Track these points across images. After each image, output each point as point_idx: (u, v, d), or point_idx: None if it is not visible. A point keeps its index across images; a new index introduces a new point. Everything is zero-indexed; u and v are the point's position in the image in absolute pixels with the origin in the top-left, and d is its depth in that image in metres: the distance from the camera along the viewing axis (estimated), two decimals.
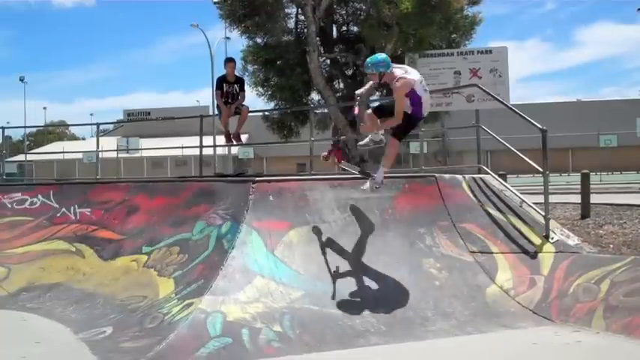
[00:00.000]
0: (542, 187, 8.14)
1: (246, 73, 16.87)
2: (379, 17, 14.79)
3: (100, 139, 14.54)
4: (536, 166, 8.39)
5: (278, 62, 16.75)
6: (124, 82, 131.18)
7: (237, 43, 68.20)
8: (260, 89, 17.13)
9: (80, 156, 34.04)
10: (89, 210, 9.21)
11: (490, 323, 6.43)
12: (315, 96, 17.61)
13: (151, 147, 30.55)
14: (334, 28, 17.57)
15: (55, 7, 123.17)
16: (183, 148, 23.43)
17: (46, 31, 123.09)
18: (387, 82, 7.03)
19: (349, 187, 7.78)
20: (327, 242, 7.12)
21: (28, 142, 55.30)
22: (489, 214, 8.13)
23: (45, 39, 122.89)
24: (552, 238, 7.74)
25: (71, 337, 6.24)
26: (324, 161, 7.87)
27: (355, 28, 17.27)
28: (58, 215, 9.37)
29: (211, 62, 37.48)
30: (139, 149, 33.11)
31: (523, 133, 12.12)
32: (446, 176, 8.75)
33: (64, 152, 32.86)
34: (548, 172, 8.10)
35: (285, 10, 16.69)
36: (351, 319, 6.24)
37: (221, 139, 13.86)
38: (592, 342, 5.72)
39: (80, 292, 7.55)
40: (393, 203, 7.80)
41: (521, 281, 7.15)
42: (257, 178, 7.81)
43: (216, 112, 12.26)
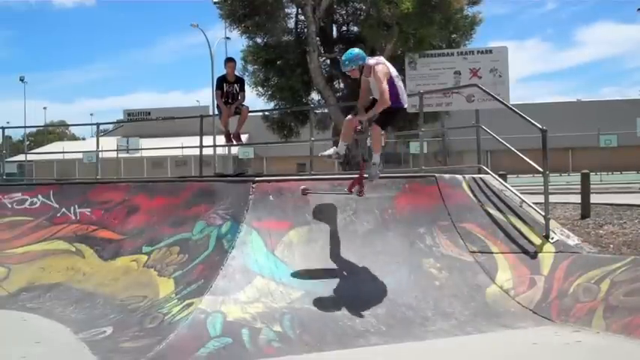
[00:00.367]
0: (542, 187, 8.14)
1: (246, 73, 16.89)
2: (379, 17, 14.79)
3: (100, 139, 14.53)
4: (536, 166, 8.39)
5: (278, 62, 16.74)
6: (124, 82, 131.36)
7: (237, 43, 68.24)
8: (260, 89, 17.14)
9: (80, 156, 34.03)
10: (89, 210, 9.21)
11: (490, 323, 6.43)
12: (315, 96, 17.61)
13: (151, 147, 30.50)
14: (334, 28, 17.57)
15: (55, 7, 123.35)
16: (183, 148, 23.41)
17: (46, 31, 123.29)
18: (366, 74, 6.92)
19: None
20: (327, 242, 7.12)
21: (28, 142, 55.32)
22: (489, 214, 8.14)
23: (45, 39, 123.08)
24: (552, 238, 7.74)
25: (71, 337, 6.24)
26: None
27: (355, 28, 17.27)
28: (58, 215, 9.37)
29: (211, 62, 37.48)
30: (139, 149, 33.08)
31: (523, 133, 12.12)
32: (446, 176, 8.75)
33: (64, 152, 32.86)
34: (548, 172, 8.10)
35: (285, 10, 16.70)
36: (351, 319, 6.24)
37: (221, 139, 13.85)
38: (592, 342, 5.72)
39: (80, 292, 7.55)
40: (393, 203, 7.80)
41: (521, 281, 7.15)
42: (257, 178, 7.80)
43: (216, 112, 12.26)
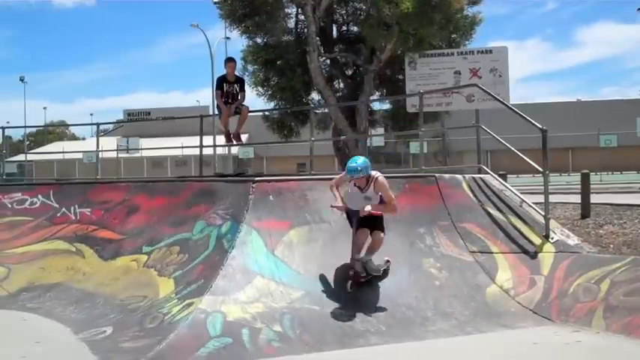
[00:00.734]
0: (542, 187, 8.15)
1: (247, 73, 16.84)
2: (379, 17, 14.77)
3: (100, 139, 14.52)
4: (536, 166, 8.39)
5: (278, 62, 16.72)
6: (124, 82, 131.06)
7: (237, 43, 68.07)
8: (260, 89, 17.10)
9: (80, 156, 34.08)
10: (89, 210, 9.21)
11: (490, 323, 6.44)
12: (315, 96, 17.58)
13: (151, 147, 30.49)
14: (334, 28, 17.55)
15: (55, 7, 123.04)
16: (183, 148, 23.42)
17: (46, 31, 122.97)
18: (364, 183, 6.66)
19: None
20: (327, 242, 7.12)
21: (28, 142, 55.27)
22: (489, 214, 8.14)
23: (45, 39, 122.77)
24: (552, 238, 7.74)
25: (71, 337, 6.24)
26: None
27: (355, 28, 17.24)
28: (58, 215, 9.37)
29: (211, 62, 37.46)
30: (139, 149, 33.10)
31: (523, 133, 12.14)
32: (446, 176, 8.75)
33: (64, 152, 32.79)
34: (548, 172, 8.10)
35: (285, 10, 16.67)
36: (351, 319, 6.24)
37: (221, 139, 13.85)
38: (592, 342, 5.73)
39: (80, 292, 7.55)
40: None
41: (522, 281, 7.16)
42: (257, 178, 7.81)
43: (216, 112, 12.25)
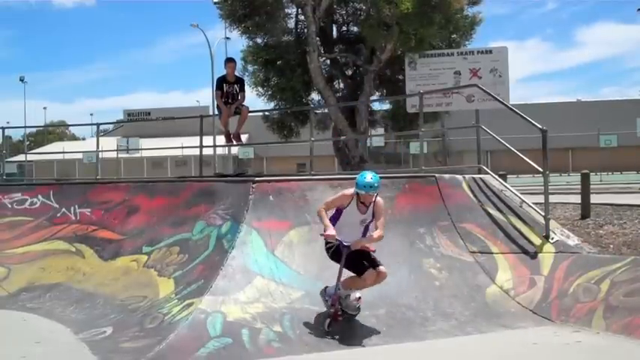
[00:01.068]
0: (542, 187, 8.15)
1: (247, 74, 16.84)
2: (379, 17, 14.76)
3: (100, 139, 14.51)
4: (536, 166, 8.39)
5: (278, 62, 16.72)
6: (124, 82, 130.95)
7: (237, 43, 68.04)
8: (260, 89, 17.10)
9: (80, 156, 34.11)
10: (89, 210, 9.21)
11: (490, 323, 6.44)
12: (315, 96, 17.58)
13: (151, 147, 30.47)
14: (334, 28, 17.54)
15: (55, 7, 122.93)
16: (183, 148, 23.38)
17: (46, 31, 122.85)
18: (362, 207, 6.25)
19: (349, 188, 7.75)
20: None
21: (28, 142, 55.26)
22: (489, 214, 8.14)
23: (45, 39, 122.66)
24: (552, 239, 7.74)
25: (71, 337, 6.24)
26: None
27: (355, 28, 17.23)
28: (58, 215, 9.38)
29: (211, 62, 37.46)
30: (139, 149, 33.10)
31: (523, 133, 12.13)
32: (446, 176, 8.75)
33: (64, 152, 32.84)
34: (548, 172, 8.10)
35: (285, 10, 16.67)
36: (351, 320, 6.24)
37: (221, 139, 13.86)
38: (592, 342, 5.73)
39: (80, 292, 7.55)
40: (393, 203, 7.80)
41: (521, 281, 7.16)
42: (257, 178, 7.81)
43: (216, 112, 12.26)
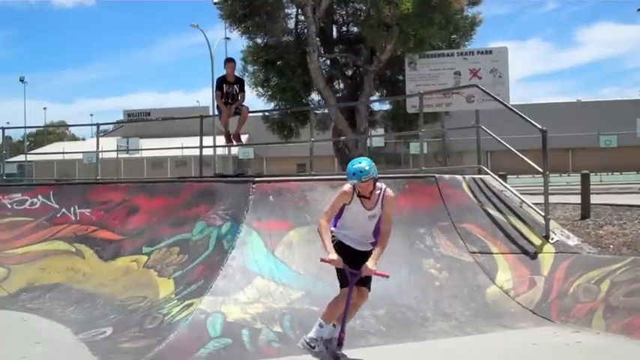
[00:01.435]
0: (542, 188, 8.15)
1: (246, 74, 16.84)
2: (379, 17, 14.77)
3: (100, 139, 14.52)
4: (536, 167, 8.39)
5: (278, 63, 16.72)
6: (124, 82, 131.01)
7: (237, 43, 68.02)
8: (260, 90, 17.10)
9: (80, 156, 34.06)
10: (89, 210, 9.21)
11: (490, 324, 6.44)
12: (315, 96, 17.58)
13: (151, 147, 30.48)
14: (334, 29, 17.55)
15: (55, 7, 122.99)
16: (183, 148, 23.45)
17: (46, 31, 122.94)
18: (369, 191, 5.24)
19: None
20: None
21: (28, 143, 55.26)
22: (489, 215, 8.13)
23: (45, 39, 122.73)
24: (552, 239, 7.74)
25: (71, 337, 6.24)
26: None
27: (355, 29, 17.24)
28: (58, 216, 9.37)
29: (211, 62, 37.50)
30: (138, 149, 33.10)
31: (523, 134, 12.11)
32: (446, 176, 8.75)
33: (64, 152, 32.83)
34: (548, 173, 8.10)
35: (285, 10, 16.68)
36: (351, 320, 6.23)
37: (221, 140, 13.85)
38: (592, 342, 5.73)
39: (80, 293, 7.55)
40: (393, 204, 7.78)
41: (521, 282, 7.15)
42: (257, 179, 7.80)
43: (216, 113, 12.25)
